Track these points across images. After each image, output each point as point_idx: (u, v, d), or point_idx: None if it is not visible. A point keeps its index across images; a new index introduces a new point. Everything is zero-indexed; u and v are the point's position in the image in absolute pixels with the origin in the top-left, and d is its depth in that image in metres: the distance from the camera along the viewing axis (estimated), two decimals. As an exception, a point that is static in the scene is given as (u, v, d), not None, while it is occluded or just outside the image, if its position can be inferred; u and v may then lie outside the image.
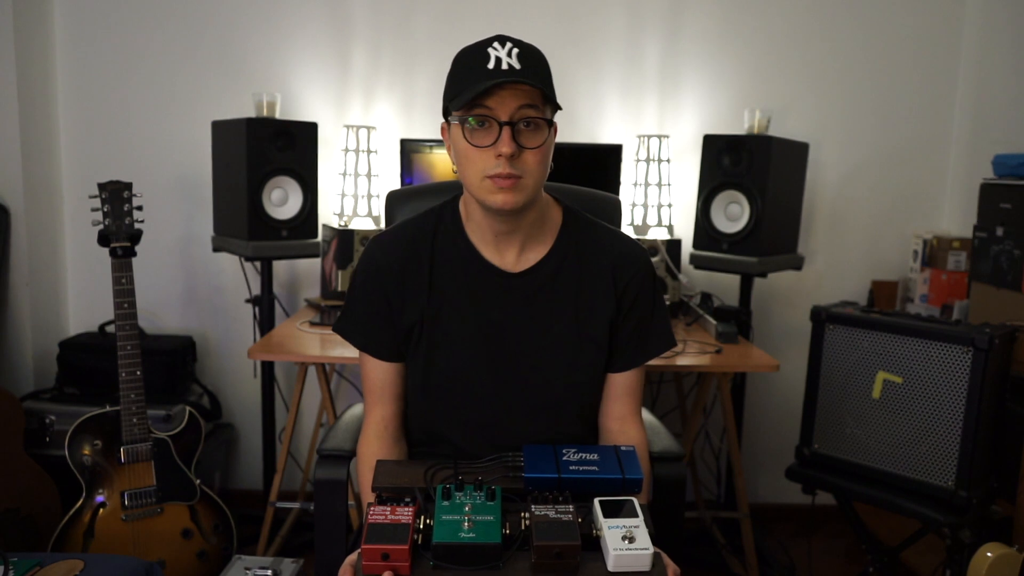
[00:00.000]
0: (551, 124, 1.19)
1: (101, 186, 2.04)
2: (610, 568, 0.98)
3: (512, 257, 1.30)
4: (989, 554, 1.62)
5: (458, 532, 0.98)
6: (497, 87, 1.13)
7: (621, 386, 1.36)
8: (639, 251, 1.35)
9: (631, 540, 0.98)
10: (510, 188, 1.17)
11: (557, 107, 1.21)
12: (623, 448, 1.20)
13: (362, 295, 1.33)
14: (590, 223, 1.36)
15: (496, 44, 1.16)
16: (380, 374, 1.35)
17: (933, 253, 2.63)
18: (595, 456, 1.17)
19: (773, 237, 2.45)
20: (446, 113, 1.23)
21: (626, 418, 1.36)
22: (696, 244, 2.54)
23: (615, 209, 1.67)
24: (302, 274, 2.82)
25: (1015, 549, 1.62)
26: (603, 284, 1.31)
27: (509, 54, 1.14)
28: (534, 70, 1.16)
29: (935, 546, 2.30)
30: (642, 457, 1.26)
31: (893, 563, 2.13)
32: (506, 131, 1.15)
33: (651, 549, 0.98)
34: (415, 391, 1.33)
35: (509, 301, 1.29)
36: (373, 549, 0.97)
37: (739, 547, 2.46)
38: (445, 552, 0.97)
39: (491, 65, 1.14)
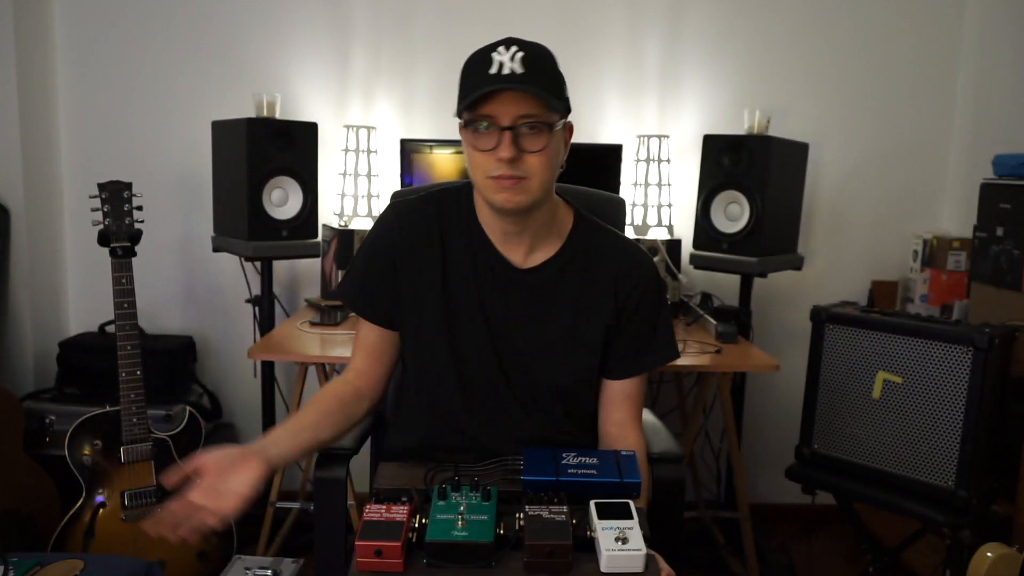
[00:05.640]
0: (553, 127, 1.18)
1: (101, 186, 2.04)
2: (603, 569, 0.98)
3: (520, 255, 1.30)
4: (989, 554, 1.61)
5: (451, 531, 0.99)
6: (499, 92, 1.14)
7: (621, 393, 1.36)
8: (646, 261, 1.35)
9: (624, 541, 0.98)
10: (512, 188, 1.18)
11: (567, 109, 1.20)
12: (623, 452, 1.20)
13: (368, 258, 1.34)
14: (600, 228, 1.36)
15: (501, 48, 1.16)
16: (369, 336, 1.37)
17: (933, 253, 2.63)
18: (594, 460, 1.17)
19: (773, 237, 2.45)
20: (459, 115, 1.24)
21: (625, 424, 1.36)
22: (696, 244, 2.53)
23: (618, 209, 1.67)
24: (302, 274, 2.82)
25: (1015, 549, 1.62)
26: (605, 290, 1.31)
27: (512, 58, 1.14)
28: (537, 74, 1.15)
29: (935, 546, 2.29)
30: (641, 462, 1.26)
31: (893, 563, 2.12)
32: (506, 136, 1.15)
33: (644, 550, 0.98)
34: (422, 369, 1.34)
35: (512, 295, 1.30)
36: (366, 545, 0.97)
37: (739, 547, 2.46)
38: (438, 550, 0.98)
39: (493, 70, 1.14)
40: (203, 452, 1.14)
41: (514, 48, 1.16)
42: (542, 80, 1.16)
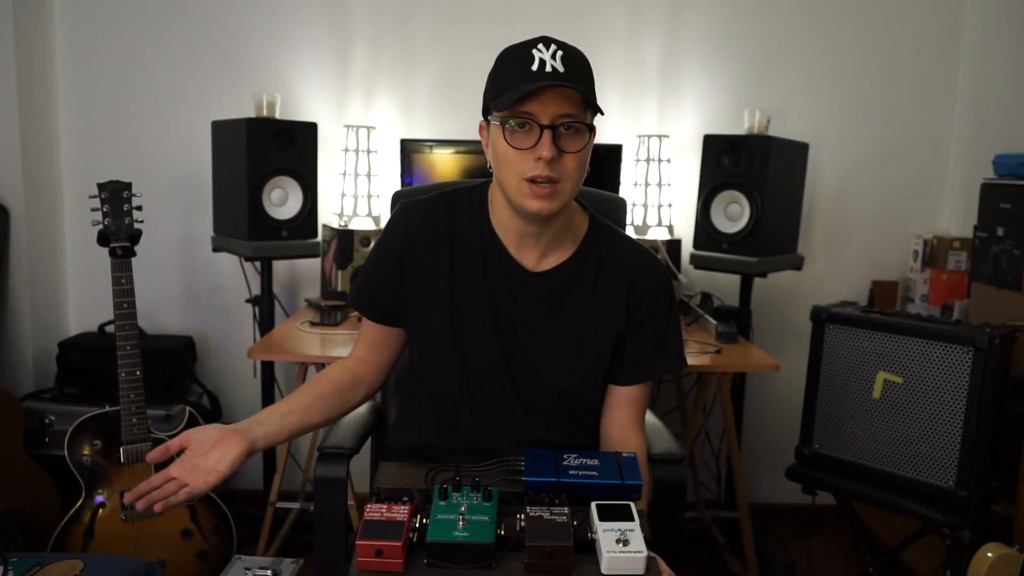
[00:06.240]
0: (591, 128, 1.18)
1: (101, 186, 2.04)
2: (603, 571, 0.98)
3: (533, 258, 1.30)
4: (989, 554, 1.61)
5: (452, 531, 0.99)
6: (540, 90, 1.12)
7: (625, 397, 1.36)
8: (659, 268, 1.35)
9: (625, 543, 0.98)
10: (548, 195, 1.17)
11: (598, 111, 1.20)
12: (624, 454, 1.19)
13: (375, 259, 1.36)
14: (614, 233, 1.36)
15: (541, 45, 1.15)
16: (371, 329, 1.39)
17: (933, 253, 2.63)
18: (595, 461, 1.16)
19: (773, 237, 2.45)
20: (486, 112, 1.23)
21: (627, 427, 1.36)
22: (696, 244, 2.54)
23: (620, 209, 1.67)
24: (302, 274, 2.82)
25: (1015, 549, 1.62)
26: (617, 296, 1.31)
27: (553, 56, 1.14)
28: (578, 74, 1.15)
29: (935, 546, 2.30)
30: (641, 464, 1.26)
31: (893, 563, 2.12)
32: (547, 134, 1.14)
33: (645, 553, 0.98)
34: (427, 369, 1.34)
35: (522, 297, 1.30)
36: (367, 545, 0.97)
37: (739, 547, 2.46)
38: (439, 550, 0.97)
39: (535, 67, 1.14)
40: (188, 429, 1.20)
41: (554, 46, 1.15)
42: (582, 80, 1.16)
